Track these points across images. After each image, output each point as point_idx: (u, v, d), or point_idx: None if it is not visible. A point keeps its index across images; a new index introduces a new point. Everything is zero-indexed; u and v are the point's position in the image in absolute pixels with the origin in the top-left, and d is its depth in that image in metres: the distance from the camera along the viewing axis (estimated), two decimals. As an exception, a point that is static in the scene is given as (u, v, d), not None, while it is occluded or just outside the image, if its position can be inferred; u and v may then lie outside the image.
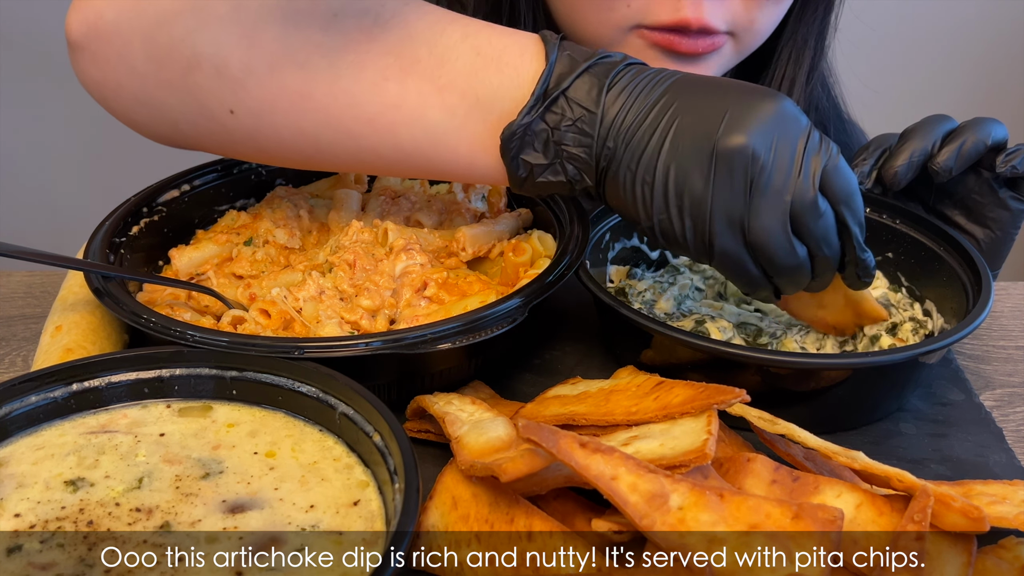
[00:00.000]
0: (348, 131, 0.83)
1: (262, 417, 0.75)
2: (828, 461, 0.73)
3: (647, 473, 0.64)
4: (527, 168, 0.80)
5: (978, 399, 0.89)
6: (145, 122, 0.89)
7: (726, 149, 0.74)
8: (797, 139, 0.75)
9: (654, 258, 1.04)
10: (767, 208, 0.75)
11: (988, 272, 0.88)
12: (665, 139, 0.76)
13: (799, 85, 1.17)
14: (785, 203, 0.75)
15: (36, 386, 0.73)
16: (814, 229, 0.76)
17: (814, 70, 1.18)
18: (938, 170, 0.93)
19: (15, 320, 1.02)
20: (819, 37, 1.17)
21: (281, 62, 0.80)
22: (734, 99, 0.76)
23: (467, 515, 0.69)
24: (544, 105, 0.78)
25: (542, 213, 1.00)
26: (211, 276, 0.95)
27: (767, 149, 0.74)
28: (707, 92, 0.77)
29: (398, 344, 0.78)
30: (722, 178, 0.75)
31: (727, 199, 0.75)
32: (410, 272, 0.91)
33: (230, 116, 0.84)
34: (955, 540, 0.65)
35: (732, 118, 0.75)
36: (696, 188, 0.76)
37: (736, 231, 0.76)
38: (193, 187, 1.02)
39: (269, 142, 0.86)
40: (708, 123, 0.75)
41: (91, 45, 0.85)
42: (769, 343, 0.90)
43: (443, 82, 0.80)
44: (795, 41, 1.16)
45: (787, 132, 0.75)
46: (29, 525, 0.66)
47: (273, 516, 0.66)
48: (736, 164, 0.74)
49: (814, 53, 1.17)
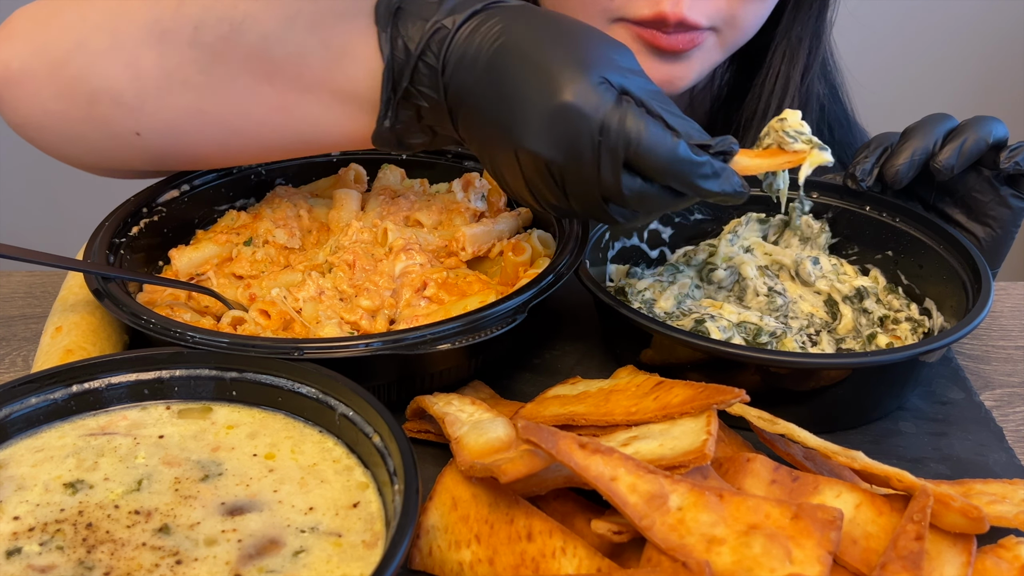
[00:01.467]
0: (249, 134, 0.88)
1: (262, 418, 0.75)
2: (828, 461, 0.73)
3: (646, 474, 0.64)
4: (409, 146, 0.87)
5: (978, 398, 0.89)
6: (74, 155, 0.94)
7: (524, 154, 0.77)
8: (589, 137, 0.74)
9: (654, 257, 1.04)
10: (580, 200, 0.78)
11: (988, 271, 0.88)
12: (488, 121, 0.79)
13: (793, 83, 1.17)
14: (595, 196, 0.77)
15: (36, 388, 0.73)
16: (629, 206, 0.78)
17: (810, 69, 1.18)
18: (940, 168, 0.93)
19: (15, 320, 1.02)
20: (815, 35, 1.17)
21: (166, 84, 0.86)
22: (533, 97, 0.76)
23: (467, 515, 0.69)
24: (395, 102, 0.83)
25: (542, 212, 1.00)
26: (211, 276, 0.95)
27: (561, 153, 0.75)
28: (513, 86, 0.77)
29: (398, 344, 0.78)
30: (531, 174, 0.78)
31: (542, 188, 0.79)
32: (410, 272, 0.91)
33: (138, 138, 0.89)
34: (955, 540, 0.65)
35: (524, 122, 0.76)
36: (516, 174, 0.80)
37: (562, 202, 0.79)
38: (193, 187, 1.02)
39: (184, 155, 0.91)
40: (507, 124, 0.77)
41: (5, 93, 0.90)
42: (769, 343, 0.90)
43: (307, 82, 0.84)
44: (789, 39, 1.16)
45: (578, 132, 0.74)
46: (28, 527, 0.66)
47: (272, 518, 0.66)
48: (538, 167, 0.77)
49: (809, 51, 1.17)
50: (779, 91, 1.17)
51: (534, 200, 0.81)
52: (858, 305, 0.95)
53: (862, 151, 0.98)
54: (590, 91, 0.74)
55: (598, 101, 0.74)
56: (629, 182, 0.76)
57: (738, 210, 1.04)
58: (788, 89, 1.17)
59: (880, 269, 0.99)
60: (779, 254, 0.99)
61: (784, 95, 1.17)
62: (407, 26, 0.80)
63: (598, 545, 0.65)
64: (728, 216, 1.04)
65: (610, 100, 0.74)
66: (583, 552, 0.64)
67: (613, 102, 0.74)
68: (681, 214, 1.04)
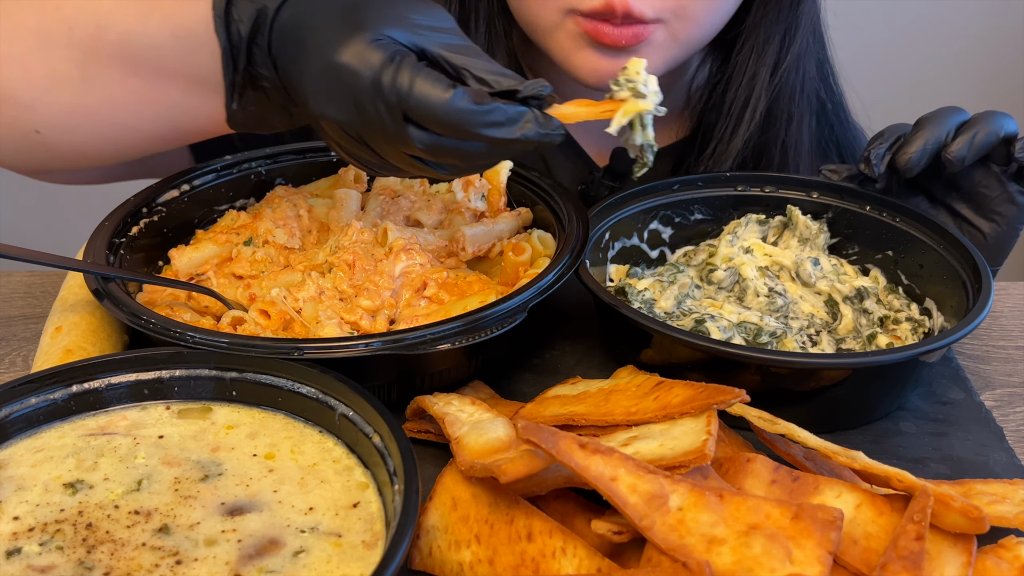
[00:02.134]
0: (127, 126, 0.92)
1: (262, 418, 0.75)
2: (828, 461, 0.73)
3: (647, 474, 0.64)
4: (272, 127, 0.90)
5: (978, 398, 0.89)
6: (5, 160, 0.99)
7: (322, 119, 0.80)
8: (366, 95, 0.76)
9: (654, 257, 1.04)
10: (392, 157, 0.80)
11: (988, 271, 0.88)
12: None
13: (760, 80, 1.14)
14: (401, 152, 0.79)
15: (36, 388, 0.73)
16: (436, 159, 0.79)
17: (780, 65, 1.14)
18: (952, 159, 0.93)
19: (15, 320, 1.02)
20: (787, 32, 1.14)
21: (51, 83, 0.90)
22: (314, 63, 0.79)
23: (467, 516, 0.69)
24: (239, 84, 0.86)
25: (542, 212, 1.00)
26: (211, 276, 0.95)
27: (348, 114, 0.78)
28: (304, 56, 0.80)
29: (398, 344, 0.78)
30: (338, 138, 0.81)
31: (354, 151, 0.82)
32: (410, 272, 0.91)
33: (39, 136, 0.93)
34: (955, 540, 0.65)
35: (313, 88, 0.79)
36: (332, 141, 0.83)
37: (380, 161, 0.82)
38: (193, 187, 1.02)
39: (78, 150, 0.95)
40: (305, 93, 0.80)
41: None
42: (769, 343, 0.90)
43: (166, 72, 0.89)
44: (758, 34, 1.13)
45: (356, 91, 0.76)
46: (28, 528, 0.66)
47: (272, 518, 0.66)
48: (337, 130, 0.80)
49: (780, 48, 1.14)
50: (745, 87, 1.15)
51: (362, 165, 0.84)
52: (858, 305, 0.95)
53: (876, 139, 0.98)
54: (363, 49, 0.76)
55: (370, 58, 0.76)
56: (419, 136, 0.77)
57: (737, 211, 1.04)
58: (755, 85, 1.14)
59: (880, 269, 0.99)
60: (779, 255, 0.99)
61: (750, 92, 1.15)
62: (239, 10, 0.83)
63: (598, 545, 0.65)
64: (728, 217, 1.04)
65: (383, 56, 0.76)
66: (583, 552, 0.64)
67: (386, 58, 0.76)
68: (681, 214, 1.04)
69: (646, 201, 1.02)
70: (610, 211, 0.99)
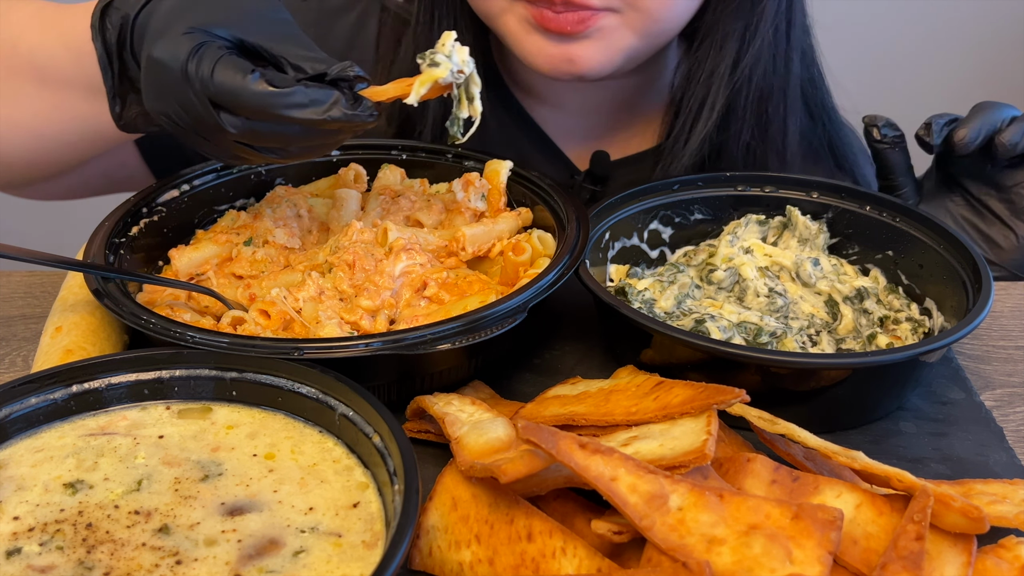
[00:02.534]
0: (43, 135, 0.97)
1: (262, 419, 0.75)
2: (828, 461, 0.73)
3: (647, 474, 0.64)
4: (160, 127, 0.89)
5: (978, 398, 0.89)
6: None
7: (155, 115, 0.82)
8: (177, 85, 0.79)
9: (654, 257, 1.04)
10: (219, 145, 0.82)
11: (988, 271, 0.88)
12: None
13: (719, 76, 1.12)
14: (227, 140, 0.81)
15: (36, 388, 0.73)
16: (256, 143, 0.81)
17: (740, 62, 1.12)
18: (1005, 143, 0.99)
19: (15, 320, 1.02)
20: (747, 30, 1.11)
21: None
22: (141, 62, 0.82)
23: (467, 516, 0.69)
24: (116, 89, 0.89)
25: (541, 212, 1.00)
26: (211, 276, 0.95)
27: (170, 106, 0.80)
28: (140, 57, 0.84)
29: (398, 344, 0.78)
30: (173, 131, 0.83)
31: (190, 141, 0.83)
32: (410, 272, 0.91)
33: None
34: (955, 540, 0.65)
35: (144, 85, 0.82)
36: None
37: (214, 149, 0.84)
38: (193, 187, 1.02)
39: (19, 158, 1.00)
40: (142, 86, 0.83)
41: None
42: (769, 343, 0.90)
43: (65, 81, 0.94)
44: (716, 31, 1.11)
45: (168, 83, 0.79)
46: (28, 528, 0.66)
47: (272, 518, 0.66)
48: (169, 124, 0.82)
49: (740, 45, 1.11)
50: (703, 85, 1.13)
51: (207, 154, 0.85)
52: (858, 305, 0.95)
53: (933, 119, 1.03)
54: (172, 42, 0.79)
55: (178, 50, 0.79)
56: (231, 121, 0.79)
57: (737, 211, 1.04)
58: (713, 81, 1.12)
59: (880, 269, 0.99)
60: (779, 255, 0.99)
61: (707, 91, 1.12)
62: (113, 19, 0.86)
63: (598, 545, 0.65)
64: (728, 216, 1.04)
65: (188, 47, 0.78)
66: (583, 552, 0.64)
67: (191, 48, 0.78)
68: (681, 214, 1.04)
69: (646, 201, 1.02)
70: (610, 211, 0.99)
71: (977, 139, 1.00)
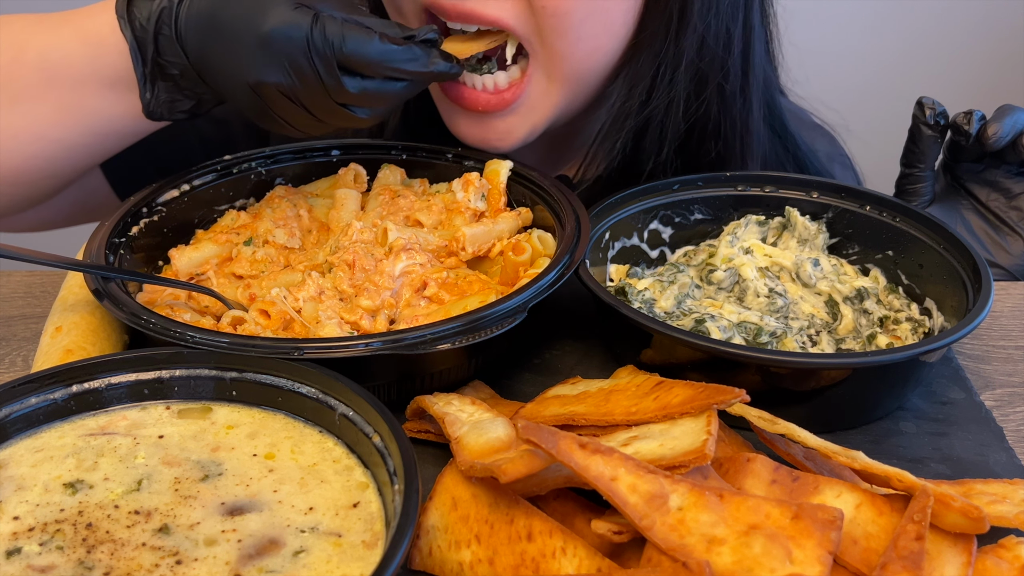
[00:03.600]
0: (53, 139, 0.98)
1: (262, 418, 0.75)
2: (828, 461, 0.73)
3: (647, 474, 0.64)
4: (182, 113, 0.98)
5: (978, 398, 0.89)
6: None
7: (259, 86, 0.89)
8: (301, 52, 0.86)
9: (654, 257, 1.04)
10: (322, 112, 0.90)
11: (988, 271, 0.88)
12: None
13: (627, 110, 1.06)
14: (332, 104, 0.89)
15: (36, 388, 0.73)
16: (363, 103, 0.90)
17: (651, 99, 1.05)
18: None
19: (15, 320, 1.02)
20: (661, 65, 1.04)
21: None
22: (245, 36, 0.88)
23: (467, 515, 0.69)
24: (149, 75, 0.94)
25: (541, 212, 1.00)
26: (211, 276, 0.95)
27: (285, 75, 0.87)
28: (231, 32, 0.89)
29: (398, 344, 0.78)
30: (273, 103, 0.90)
31: (290, 113, 0.91)
32: (410, 272, 0.91)
33: None
34: (955, 540, 0.65)
35: (247, 58, 0.88)
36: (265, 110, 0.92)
37: (311, 121, 0.92)
38: (193, 187, 1.02)
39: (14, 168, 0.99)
40: (235, 66, 0.89)
41: None
42: (769, 343, 0.90)
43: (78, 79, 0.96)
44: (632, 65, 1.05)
45: (291, 52, 0.86)
46: (28, 527, 0.66)
47: (272, 518, 0.66)
48: (274, 94, 0.89)
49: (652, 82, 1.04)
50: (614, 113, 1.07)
51: (293, 128, 0.92)
52: (858, 306, 0.95)
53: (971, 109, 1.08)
54: (289, 15, 0.87)
55: (298, 21, 0.86)
56: (351, 82, 0.88)
57: (737, 211, 1.04)
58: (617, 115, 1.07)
59: (880, 269, 0.99)
60: (779, 256, 0.99)
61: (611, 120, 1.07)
62: (140, 10, 0.93)
63: (598, 545, 0.65)
64: (728, 216, 1.04)
65: (308, 17, 0.86)
66: (583, 552, 0.64)
67: (311, 19, 0.86)
68: (681, 214, 1.04)
69: (646, 201, 1.02)
70: (610, 211, 0.99)
71: (1008, 136, 1.03)
